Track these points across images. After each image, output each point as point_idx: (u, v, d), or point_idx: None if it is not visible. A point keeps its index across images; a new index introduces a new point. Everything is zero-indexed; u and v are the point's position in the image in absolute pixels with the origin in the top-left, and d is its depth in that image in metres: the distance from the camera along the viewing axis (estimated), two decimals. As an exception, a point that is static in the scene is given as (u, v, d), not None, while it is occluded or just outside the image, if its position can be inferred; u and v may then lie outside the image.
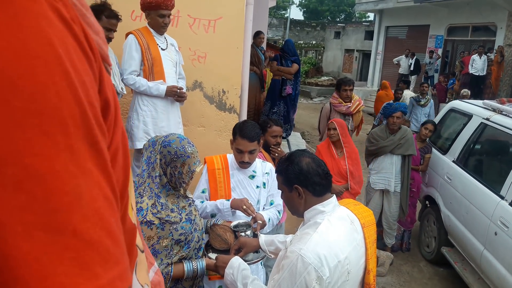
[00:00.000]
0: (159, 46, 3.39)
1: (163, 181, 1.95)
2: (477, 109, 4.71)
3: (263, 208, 2.68)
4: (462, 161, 4.58)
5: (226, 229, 2.25)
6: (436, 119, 5.56)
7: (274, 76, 6.74)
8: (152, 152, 1.95)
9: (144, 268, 0.69)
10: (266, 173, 2.69)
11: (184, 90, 3.52)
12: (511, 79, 11.82)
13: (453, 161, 4.63)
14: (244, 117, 4.23)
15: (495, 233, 3.58)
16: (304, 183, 1.75)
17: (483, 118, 4.45)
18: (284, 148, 5.67)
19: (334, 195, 1.83)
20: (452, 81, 12.87)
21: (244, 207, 2.34)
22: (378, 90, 11.88)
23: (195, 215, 2.07)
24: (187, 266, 1.97)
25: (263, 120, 4.23)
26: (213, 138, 4.15)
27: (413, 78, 15.38)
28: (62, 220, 0.42)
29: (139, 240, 0.69)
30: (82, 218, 0.43)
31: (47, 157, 0.41)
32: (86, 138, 0.46)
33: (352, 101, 5.08)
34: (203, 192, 2.58)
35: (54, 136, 0.42)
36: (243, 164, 2.54)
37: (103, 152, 0.48)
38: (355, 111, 5.04)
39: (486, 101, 4.81)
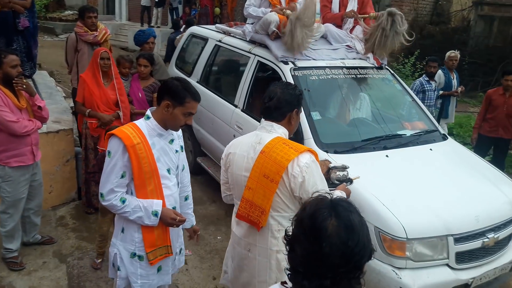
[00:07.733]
0: None
1: None
2: (212, 33, 5.35)
3: (182, 171, 2.53)
4: (204, 80, 5.21)
5: (324, 164, 2.57)
6: (179, 46, 6.02)
7: (2, 8, 5.88)
8: None
9: None
10: (179, 135, 2.46)
11: None
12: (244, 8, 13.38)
13: (197, 82, 5.21)
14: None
15: (234, 136, 4.35)
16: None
17: (217, 41, 5.10)
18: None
19: (272, 123, 2.23)
20: (194, 11, 13.77)
21: (170, 221, 2.27)
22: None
23: None
24: None
25: None
26: None
27: (159, 10, 15.71)
28: None
29: None
30: None
31: None
32: None
33: (99, 29, 5.00)
34: (122, 177, 2.19)
35: None
36: (181, 127, 2.32)
37: None
38: (102, 40, 4.99)
39: (218, 25, 5.49)
